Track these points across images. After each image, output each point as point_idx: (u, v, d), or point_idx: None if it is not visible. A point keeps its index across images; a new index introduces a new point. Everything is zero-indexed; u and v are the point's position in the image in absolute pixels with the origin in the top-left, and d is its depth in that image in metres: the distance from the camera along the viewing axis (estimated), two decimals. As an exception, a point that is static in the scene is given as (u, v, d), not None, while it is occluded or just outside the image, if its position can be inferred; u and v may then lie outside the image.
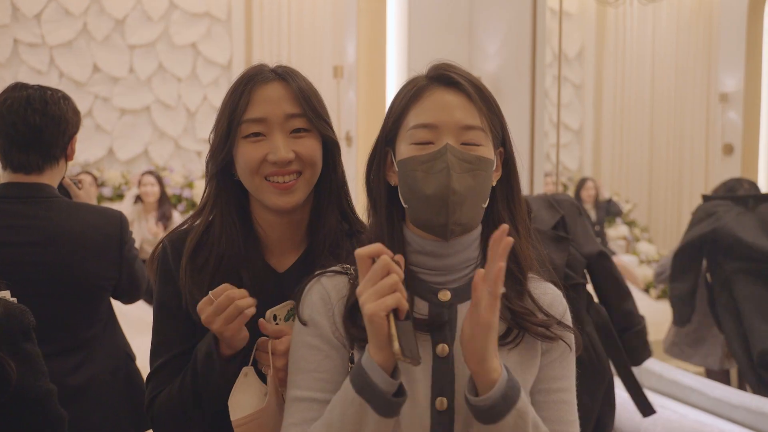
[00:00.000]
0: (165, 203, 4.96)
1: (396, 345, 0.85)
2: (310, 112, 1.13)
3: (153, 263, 1.20)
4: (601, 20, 5.82)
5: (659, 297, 5.00)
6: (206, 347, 1.08)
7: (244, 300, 1.04)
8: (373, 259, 0.90)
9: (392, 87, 3.90)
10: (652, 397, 2.34)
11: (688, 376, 2.33)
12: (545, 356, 1.01)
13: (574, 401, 1.02)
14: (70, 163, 5.98)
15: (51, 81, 5.47)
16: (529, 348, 0.99)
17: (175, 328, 1.16)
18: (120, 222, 1.80)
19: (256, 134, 1.12)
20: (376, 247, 0.90)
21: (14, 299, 1.19)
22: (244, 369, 1.09)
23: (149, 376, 1.18)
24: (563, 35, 4.78)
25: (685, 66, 5.37)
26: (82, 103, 5.47)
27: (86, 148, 5.61)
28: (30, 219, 1.70)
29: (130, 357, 1.88)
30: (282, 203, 1.12)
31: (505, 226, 0.89)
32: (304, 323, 1.01)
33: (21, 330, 1.12)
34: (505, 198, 1.04)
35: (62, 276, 1.71)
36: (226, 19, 5.83)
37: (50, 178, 1.77)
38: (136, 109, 5.70)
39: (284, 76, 1.15)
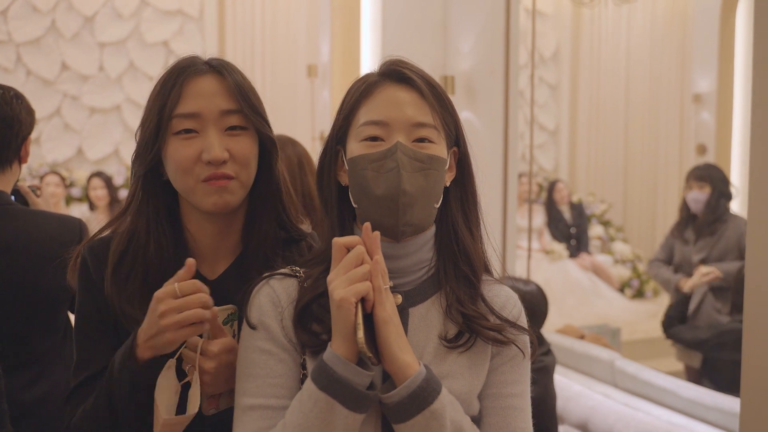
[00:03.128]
0: (115, 206, 4.84)
1: (360, 333, 0.85)
2: (248, 108, 1.05)
3: (73, 273, 1.11)
4: (576, 21, 5.84)
5: (633, 297, 5.03)
6: (123, 350, 0.99)
7: (207, 311, 0.96)
8: (348, 249, 0.89)
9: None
10: (626, 399, 2.33)
11: (661, 377, 2.32)
12: (495, 359, 0.98)
13: (527, 408, 0.99)
14: (38, 164, 5.79)
15: (18, 79, 5.36)
16: (479, 351, 0.96)
17: (97, 343, 1.08)
18: (79, 230, 1.70)
19: (188, 131, 1.04)
20: (354, 238, 0.90)
21: None
22: (169, 361, 1.00)
23: (68, 396, 1.09)
24: (539, 35, 4.78)
25: (659, 67, 5.41)
26: (50, 102, 5.43)
27: (55, 148, 5.50)
28: None
29: None
30: (216, 204, 1.04)
31: (368, 224, 0.90)
32: (252, 327, 0.96)
33: None
34: (459, 199, 1.01)
35: (17, 287, 1.62)
36: (198, 16, 5.76)
37: (3, 183, 1.67)
38: (106, 108, 5.60)
39: (219, 68, 1.07)
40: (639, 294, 5.06)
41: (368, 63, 3.87)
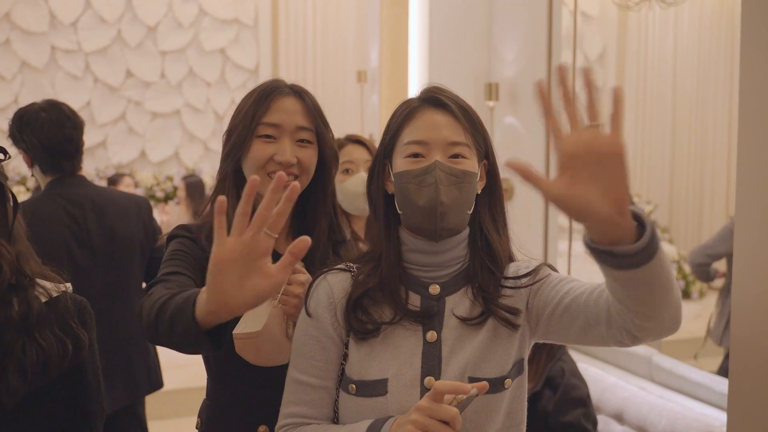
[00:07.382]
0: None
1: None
2: (321, 126, 1.31)
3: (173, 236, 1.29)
4: (622, 23, 5.85)
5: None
6: (189, 296, 1.04)
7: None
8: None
9: (414, 91, 4.01)
10: (661, 391, 2.43)
11: (694, 372, 2.41)
12: (536, 292, 1.11)
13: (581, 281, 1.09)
14: (104, 166, 6.36)
15: (86, 86, 5.69)
16: (499, 330, 1.11)
17: (183, 267, 1.23)
18: (145, 200, 2.32)
19: (268, 136, 1.28)
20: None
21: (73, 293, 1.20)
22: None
23: (147, 294, 1.18)
24: (585, 37, 4.84)
25: (707, 68, 5.38)
26: (115, 107, 5.76)
27: (120, 150, 5.82)
28: (84, 197, 2.16)
29: None
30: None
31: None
32: (309, 315, 1.14)
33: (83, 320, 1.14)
34: (488, 204, 1.18)
35: (106, 235, 2.16)
36: (253, 25, 6.00)
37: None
38: (167, 112, 5.90)
39: (300, 93, 1.32)
40: (685, 295, 5.06)
41: (416, 69, 4.03)
